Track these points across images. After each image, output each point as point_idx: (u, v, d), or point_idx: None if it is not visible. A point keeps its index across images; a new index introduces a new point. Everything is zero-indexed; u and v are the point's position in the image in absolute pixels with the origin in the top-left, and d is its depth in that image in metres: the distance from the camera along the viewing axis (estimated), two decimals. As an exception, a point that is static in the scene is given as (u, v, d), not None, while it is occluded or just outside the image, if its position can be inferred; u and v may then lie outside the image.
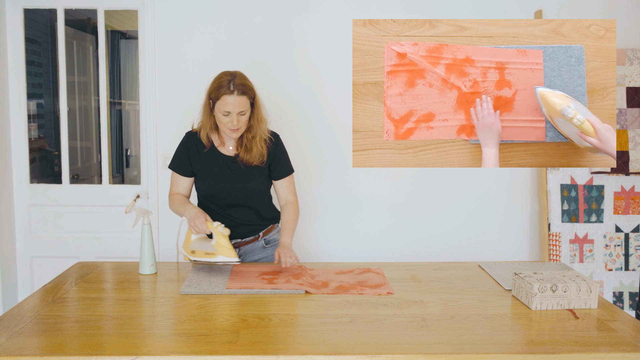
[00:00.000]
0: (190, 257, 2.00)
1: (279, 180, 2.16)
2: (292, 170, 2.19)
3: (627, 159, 2.83)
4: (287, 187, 2.17)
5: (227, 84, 1.94)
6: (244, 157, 2.06)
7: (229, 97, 1.93)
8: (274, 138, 2.13)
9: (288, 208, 2.16)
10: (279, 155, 2.13)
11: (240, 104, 1.95)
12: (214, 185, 2.07)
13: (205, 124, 2.06)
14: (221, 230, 1.92)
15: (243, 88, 1.95)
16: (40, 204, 2.95)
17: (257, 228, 2.17)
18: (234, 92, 1.93)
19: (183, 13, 2.79)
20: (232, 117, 1.95)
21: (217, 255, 1.93)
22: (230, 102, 1.93)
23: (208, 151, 2.08)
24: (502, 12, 2.84)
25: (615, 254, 2.90)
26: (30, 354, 1.32)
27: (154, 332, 1.46)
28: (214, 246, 1.94)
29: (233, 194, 2.08)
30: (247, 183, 2.08)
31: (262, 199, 2.15)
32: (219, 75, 2.00)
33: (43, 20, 3.56)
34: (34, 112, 3.38)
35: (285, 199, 2.18)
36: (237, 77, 1.96)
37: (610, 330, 1.50)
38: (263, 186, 2.13)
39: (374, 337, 1.44)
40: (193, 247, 1.99)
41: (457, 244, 2.97)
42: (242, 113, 1.97)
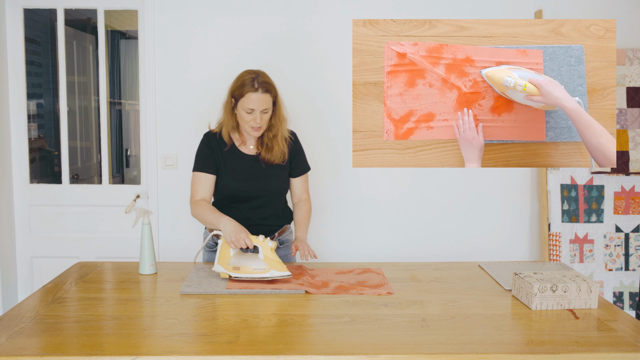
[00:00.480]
0: (232, 274, 1.85)
1: (296, 178, 2.19)
2: (308, 168, 2.23)
3: (627, 159, 2.83)
4: (302, 184, 2.20)
5: (251, 81, 1.95)
6: (265, 156, 2.07)
7: (253, 94, 1.94)
8: (293, 136, 2.16)
9: (302, 205, 2.19)
10: (298, 153, 2.17)
11: (264, 101, 1.96)
12: (235, 184, 2.06)
13: (227, 123, 2.05)
14: (270, 244, 1.86)
15: (267, 86, 1.96)
16: (40, 204, 2.95)
17: (273, 228, 2.18)
18: (258, 89, 1.94)
19: (183, 13, 2.79)
20: (256, 114, 1.96)
21: (269, 270, 1.84)
22: (254, 100, 1.94)
23: (229, 150, 2.08)
24: (502, 12, 2.84)
25: (616, 254, 2.90)
26: (30, 354, 1.32)
27: (154, 332, 1.46)
28: (263, 261, 1.85)
29: (254, 193, 2.08)
30: (269, 182, 2.09)
31: (281, 198, 2.17)
32: (242, 74, 2.01)
33: (43, 20, 3.56)
34: (34, 112, 3.38)
35: (299, 196, 2.21)
36: (260, 75, 1.98)
37: (610, 330, 1.50)
38: (284, 185, 2.16)
39: (374, 337, 1.44)
40: (236, 264, 1.86)
41: (457, 244, 2.97)
42: (265, 111, 1.98)
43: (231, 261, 1.87)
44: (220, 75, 2.84)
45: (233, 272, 1.86)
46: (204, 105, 2.85)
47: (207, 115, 2.85)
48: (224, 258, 1.88)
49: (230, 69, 2.83)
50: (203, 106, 2.85)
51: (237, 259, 1.87)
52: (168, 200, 2.90)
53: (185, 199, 2.85)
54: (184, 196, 2.85)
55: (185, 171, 2.87)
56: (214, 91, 2.85)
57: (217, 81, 2.84)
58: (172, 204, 2.90)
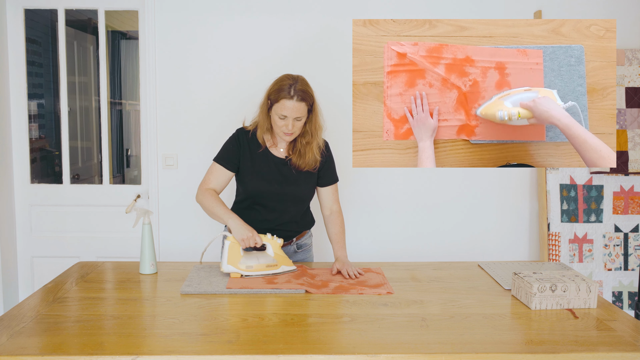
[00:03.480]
0: (244, 272, 1.90)
1: (325, 187, 2.15)
2: (337, 179, 2.19)
3: (627, 159, 2.83)
4: (332, 194, 2.17)
5: (288, 88, 1.91)
6: (296, 162, 2.04)
7: (288, 101, 1.90)
8: (326, 145, 2.13)
9: (335, 219, 2.16)
10: (329, 163, 2.14)
11: (298, 109, 1.92)
12: (263, 185, 2.04)
13: (262, 124, 2.03)
14: (279, 241, 1.94)
15: (303, 94, 1.92)
16: (41, 204, 2.96)
17: (291, 234, 2.16)
18: (294, 97, 1.90)
19: (183, 13, 2.80)
20: (288, 121, 1.93)
21: (280, 265, 1.93)
22: (289, 107, 1.91)
23: (260, 151, 2.07)
24: (502, 12, 2.84)
25: (615, 254, 2.90)
26: (31, 354, 1.32)
27: (154, 332, 1.47)
28: (274, 257, 1.93)
29: (280, 196, 2.06)
30: (295, 187, 2.06)
31: (304, 204, 2.15)
32: (280, 78, 1.97)
33: (44, 21, 3.57)
34: (34, 112, 3.38)
35: (330, 207, 2.17)
36: (298, 83, 1.93)
37: (609, 330, 1.50)
38: (310, 192, 2.13)
39: (374, 336, 1.44)
40: (248, 263, 1.90)
41: (456, 244, 2.97)
42: (299, 119, 1.95)
43: (243, 260, 1.90)
44: (220, 76, 2.85)
45: (246, 271, 1.89)
46: (204, 106, 2.86)
47: (208, 115, 2.86)
48: (234, 258, 1.90)
49: (230, 69, 2.84)
50: (203, 106, 2.86)
51: (248, 258, 1.91)
52: (168, 200, 2.90)
53: (186, 199, 2.85)
54: (185, 196, 2.85)
55: (185, 171, 2.88)
56: (214, 91, 2.86)
57: (217, 81, 2.85)
58: (173, 204, 2.90)
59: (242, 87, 2.83)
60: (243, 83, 2.83)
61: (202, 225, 2.86)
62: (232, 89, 2.83)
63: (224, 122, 2.74)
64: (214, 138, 2.67)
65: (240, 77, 2.83)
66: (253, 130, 2.06)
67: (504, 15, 2.83)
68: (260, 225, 2.06)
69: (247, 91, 2.80)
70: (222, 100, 2.85)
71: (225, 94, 2.85)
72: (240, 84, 2.83)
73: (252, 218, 2.07)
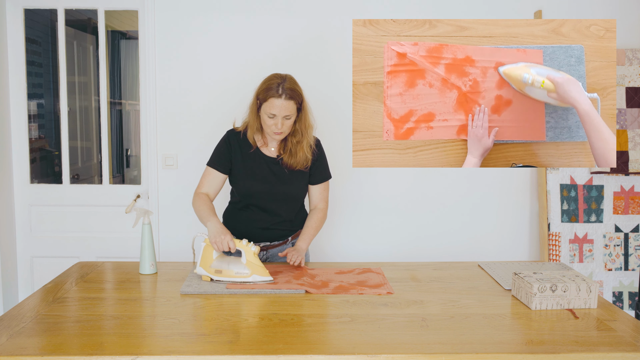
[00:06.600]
0: (213, 276, 1.85)
1: (315, 185, 2.15)
2: (329, 176, 2.18)
3: (627, 159, 2.83)
4: (321, 193, 2.16)
5: (276, 86, 1.92)
6: (287, 161, 2.04)
7: (277, 100, 1.91)
8: (316, 143, 2.13)
9: (315, 213, 2.15)
10: (320, 160, 2.13)
11: (287, 108, 1.93)
12: (255, 185, 2.04)
13: (252, 125, 2.03)
14: (253, 249, 1.85)
15: (291, 93, 1.92)
16: (40, 204, 2.96)
17: (286, 233, 2.16)
18: (282, 95, 1.91)
19: (183, 13, 2.80)
20: (277, 120, 1.93)
21: (252, 274, 1.84)
22: (277, 106, 1.91)
23: (251, 151, 2.07)
24: (502, 12, 2.84)
25: (615, 254, 2.90)
26: (31, 354, 1.32)
27: (154, 332, 1.47)
28: (246, 265, 1.84)
29: (272, 196, 2.06)
30: (289, 186, 2.06)
31: (297, 203, 2.14)
32: (269, 77, 1.97)
33: (43, 21, 3.57)
34: (34, 112, 3.38)
35: (316, 204, 2.17)
36: (287, 81, 1.94)
37: (609, 330, 1.50)
38: (303, 190, 2.13)
39: (374, 337, 1.44)
40: (218, 267, 1.85)
41: (457, 244, 2.97)
42: (288, 117, 1.95)
43: (213, 264, 1.86)
44: (220, 75, 2.85)
45: (215, 275, 1.85)
46: (204, 106, 2.86)
47: (208, 115, 2.86)
48: (206, 260, 1.86)
49: (230, 69, 2.84)
50: (203, 106, 2.86)
51: (220, 262, 1.86)
52: (168, 200, 2.90)
53: (186, 199, 2.85)
54: (184, 196, 2.85)
55: (185, 171, 2.87)
56: (214, 91, 2.86)
57: (217, 81, 2.85)
58: (173, 204, 2.90)
59: (243, 86, 2.82)
60: (243, 83, 2.82)
61: (202, 225, 2.86)
62: (233, 89, 2.83)
63: (224, 122, 2.73)
64: (214, 138, 2.66)
65: (240, 77, 2.83)
66: (244, 130, 2.07)
67: (504, 15, 2.83)
68: (255, 225, 2.06)
69: (247, 91, 2.80)
70: (222, 100, 2.85)
71: (225, 94, 2.84)
72: (241, 83, 2.82)
73: (247, 218, 2.08)
